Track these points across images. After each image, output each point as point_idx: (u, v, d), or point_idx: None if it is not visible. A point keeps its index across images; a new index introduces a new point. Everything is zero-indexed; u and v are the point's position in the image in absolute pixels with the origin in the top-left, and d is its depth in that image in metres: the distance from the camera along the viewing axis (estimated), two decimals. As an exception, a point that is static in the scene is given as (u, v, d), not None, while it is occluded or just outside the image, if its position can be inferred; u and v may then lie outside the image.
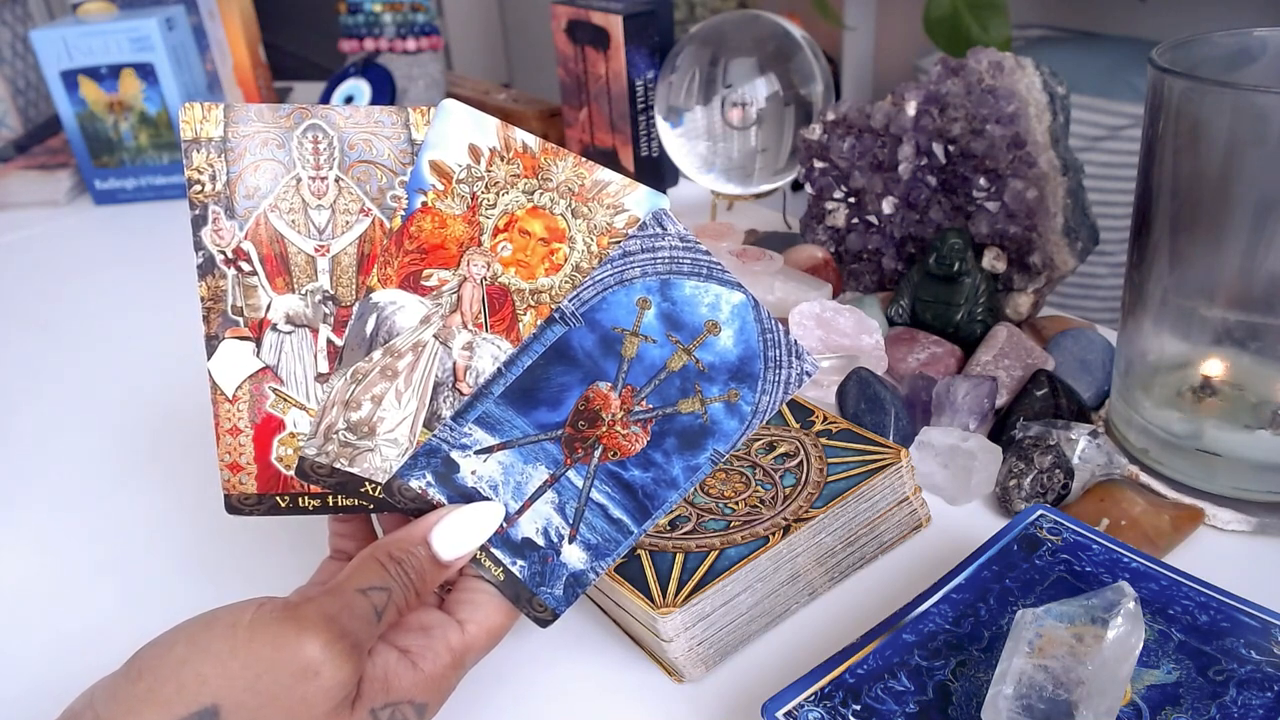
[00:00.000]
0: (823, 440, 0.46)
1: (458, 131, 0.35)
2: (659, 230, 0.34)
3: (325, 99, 1.02)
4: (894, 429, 0.51)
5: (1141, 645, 0.32)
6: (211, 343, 0.37)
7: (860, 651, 0.36)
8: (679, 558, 0.40)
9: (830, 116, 0.66)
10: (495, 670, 0.42)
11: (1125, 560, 0.39)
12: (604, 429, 0.35)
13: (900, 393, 0.54)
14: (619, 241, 0.35)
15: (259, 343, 0.37)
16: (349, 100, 1.01)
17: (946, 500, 0.49)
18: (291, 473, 0.37)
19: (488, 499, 0.36)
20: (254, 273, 0.37)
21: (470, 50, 2.70)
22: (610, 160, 0.86)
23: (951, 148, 0.60)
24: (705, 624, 0.39)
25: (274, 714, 0.30)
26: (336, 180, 0.36)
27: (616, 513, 0.35)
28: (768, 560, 0.40)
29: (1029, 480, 0.47)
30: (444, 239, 0.36)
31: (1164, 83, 0.42)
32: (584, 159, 0.35)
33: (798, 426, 0.47)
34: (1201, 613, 0.36)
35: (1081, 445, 0.48)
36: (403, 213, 0.36)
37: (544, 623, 0.36)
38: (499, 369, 0.36)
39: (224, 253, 0.36)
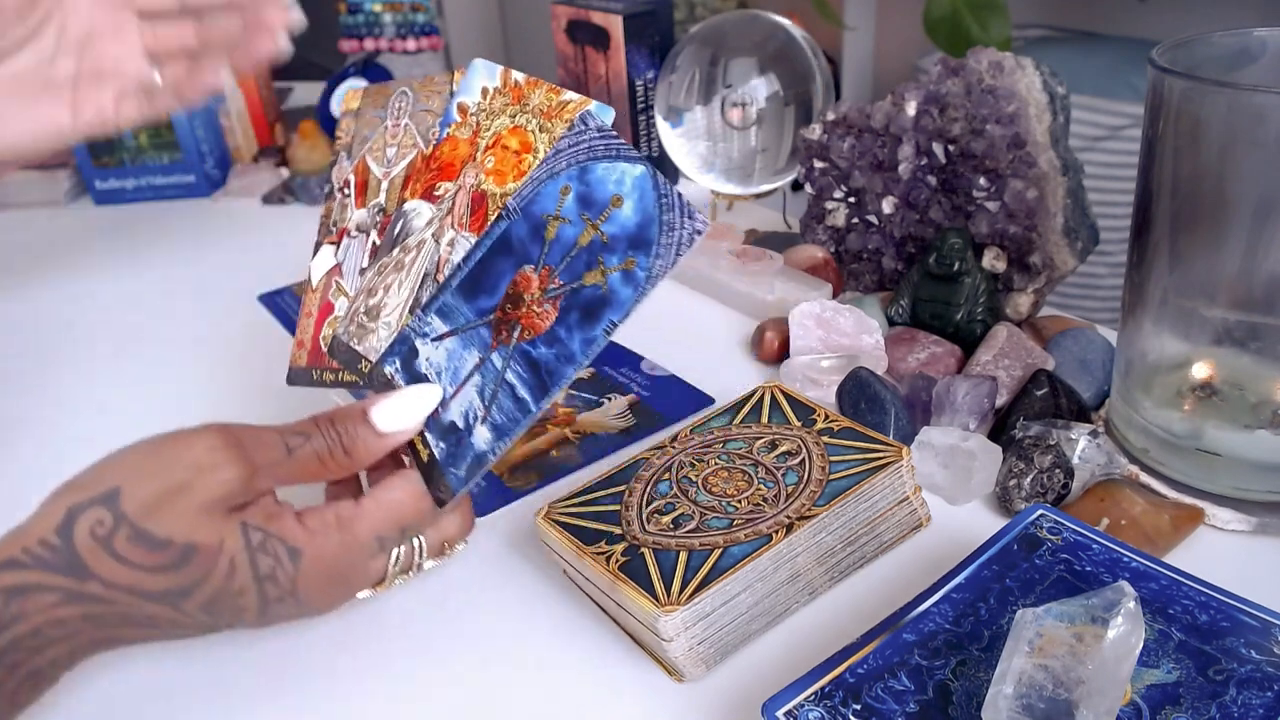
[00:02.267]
0: (824, 439, 0.46)
1: (477, 79, 0.43)
2: (583, 127, 0.38)
3: (325, 99, 1.02)
4: (894, 429, 0.51)
5: (1141, 645, 0.32)
6: (316, 248, 0.48)
7: (860, 651, 0.36)
8: (683, 556, 0.40)
9: (830, 116, 0.66)
10: (495, 670, 0.42)
11: (1125, 560, 0.39)
12: (524, 309, 0.38)
13: (900, 392, 0.54)
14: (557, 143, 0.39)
15: (338, 246, 0.47)
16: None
17: (946, 500, 0.49)
18: (326, 348, 0.43)
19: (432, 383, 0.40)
20: (349, 196, 0.47)
21: (470, 50, 2.70)
22: (610, 160, 0.86)
23: (951, 148, 0.60)
24: (705, 623, 0.39)
25: (164, 498, 0.35)
26: (405, 125, 0.47)
27: (522, 392, 0.37)
28: (768, 560, 0.40)
29: (1029, 480, 0.47)
30: (454, 159, 0.43)
31: (1164, 83, 0.42)
32: (557, 86, 0.41)
33: (800, 425, 0.47)
34: (1201, 612, 0.36)
35: (1081, 445, 0.48)
36: (434, 142, 0.44)
37: (441, 503, 0.39)
38: (459, 263, 0.40)
39: (336, 183, 0.48)
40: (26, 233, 0.97)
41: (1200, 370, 0.47)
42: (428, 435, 0.39)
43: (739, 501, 0.43)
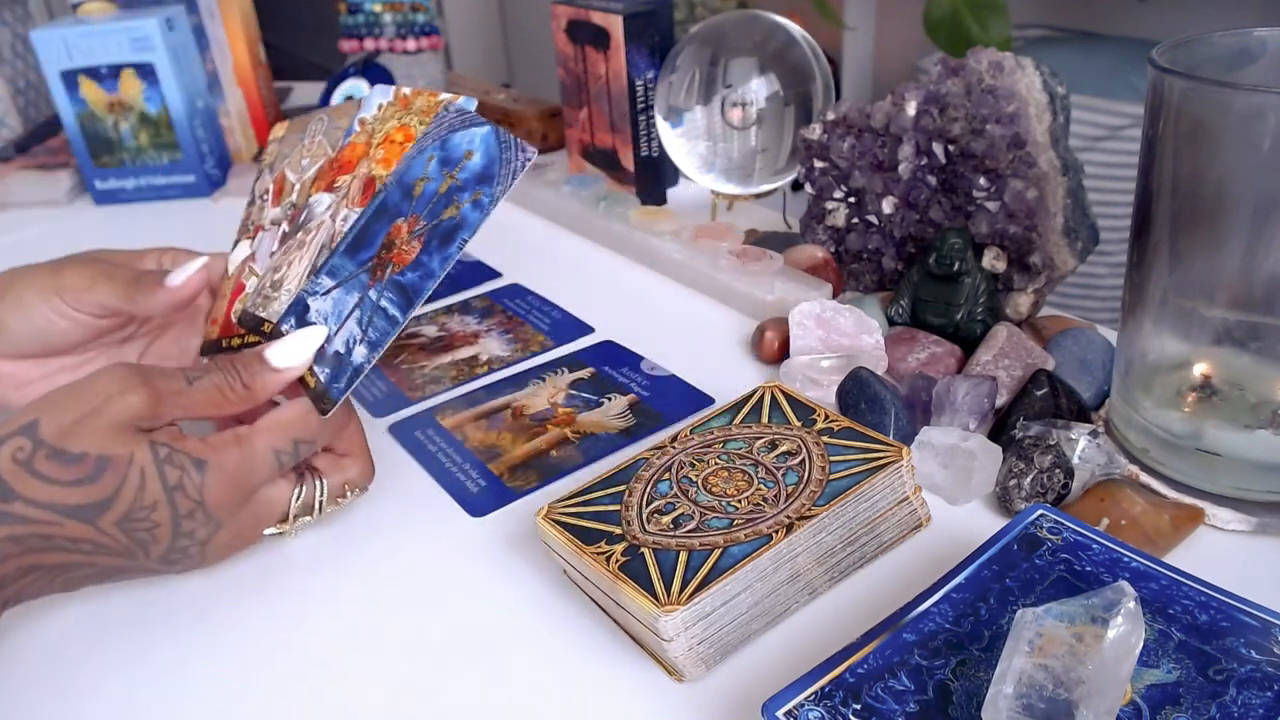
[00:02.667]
0: (824, 439, 0.46)
1: (375, 99, 0.52)
2: (444, 112, 0.47)
3: (325, 99, 1.02)
4: (894, 429, 0.51)
5: (1142, 645, 0.32)
6: (234, 245, 0.54)
7: (860, 651, 0.36)
8: (683, 556, 0.40)
9: (830, 116, 0.66)
10: (494, 670, 0.42)
11: (1125, 560, 0.39)
12: (395, 251, 0.45)
13: (900, 392, 0.54)
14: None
15: (254, 240, 0.53)
16: (349, 100, 1.01)
17: (946, 500, 0.49)
18: (235, 319, 0.49)
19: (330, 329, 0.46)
20: (267, 200, 0.54)
21: (470, 50, 2.70)
22: (610, 160, 0.86)
23: (951, 147, 0.60)
24: (705, 623, 0.39)
25: (78, 421, 0.39)
26: (319, 140, 0.54)
27: (393, 311, 0.44)
28: (768, 560, 0.40)
29: (1029, 480, 0.47)
30: (352, 157, 0.50)
31: (1164, 83, 0.42)
32: (438, 92, 0.48)
33: (800, 425, 0.47)
34: (1201, 612, 0.36)
35: (1081, 445, 0.48)
36: (338, 148, 0.52)
37: (324, 411, 0.45)
38: (346, 231, 0.46)
39: (257, 193, 0.56)
40: (26, 233, 0.97)
41: (1200, 370, 0.47)
42: (315, 368, 0.45)
43: (739, 501, 0.43)
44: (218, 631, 0.45)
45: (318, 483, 0.47)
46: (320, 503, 0.47)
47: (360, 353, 0.44)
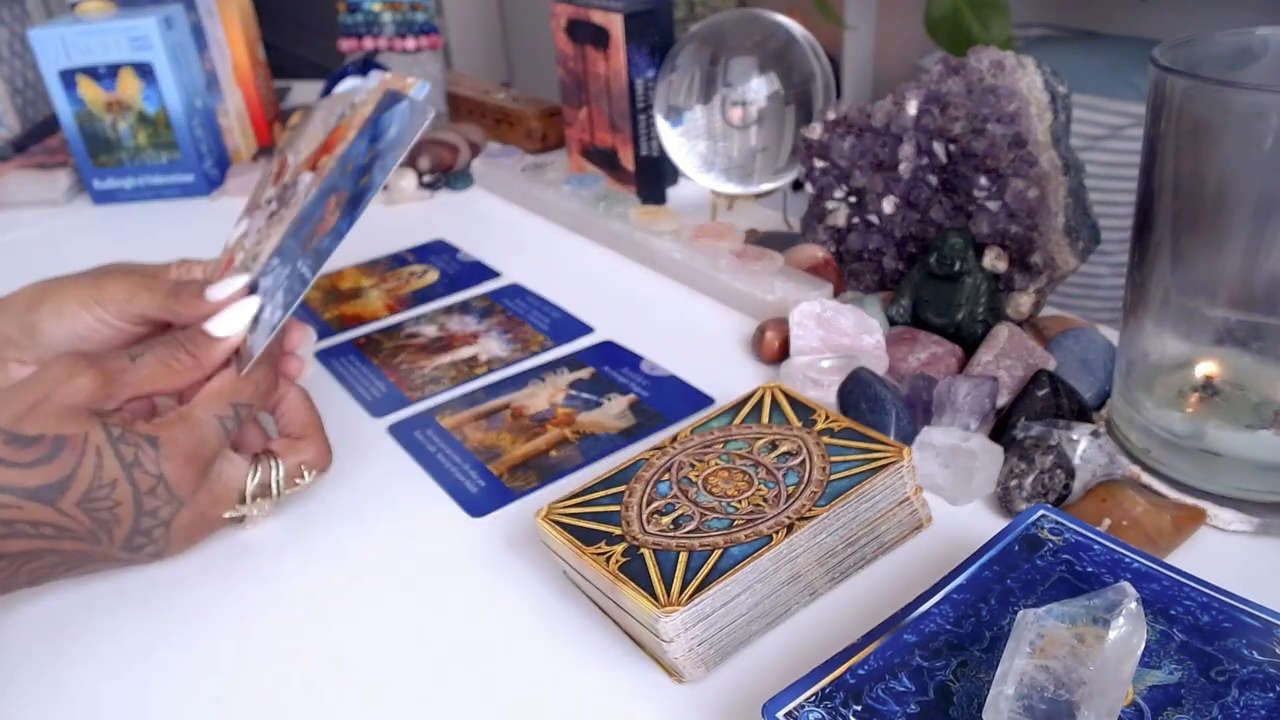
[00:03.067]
0: (825, 439, 0.46)
1: (366, 85, 0.54)
2: (384, 97, 0.51)
3: (324, 98, 1.02)
4: (895, 429, 0.51)
5: (1143, 646, 0.32)
6: (237, 222, 0.57)
7: (861, 652, 0.36)
8: (683, 556, 0.40)
9: (831, 116, 0.66)
10: (494, 670, 0.42)
11: (1127, 560, 0.39)
12: (322, 222, 0.48)
13: (901, 392, 0.54)
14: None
15: (251, 217, 0.56)
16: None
17: (947, 500, 0.49)
18: None
19: (262, 301, 0.49)
20: (268, 180, 0.57)
21: (470, 49, 2.69)
22: (610, 160, 0.86)
23: (952, 147, 0.60)
24: (705, 624, 0.39)
25: (31, 406, 0.41)
26: (317, 123, 0.56)
27: (306, 274, 0.47)
28: (768, 560, 0.40)
29: (1030, 480, 0.47)
30: (335, 139, 0.52)
31: (1165, 82, 0.42)
32: (405, 79, 0.51)
33: (800, 425, 0.47)
34: (1203, 613, 0.36)
35: (1083, 445, 0.48)
36: (330, 130, 0.54)
37: (241, 369, 0.47)
38: (299, 214, 0.50)
39: (266, 174, 0.58)
40: (25, 232, 0.97)
41: (1202, 370, 0.47)
42: (248, 336, 0.48)
43: (739, 502, 0.43)
44: (211, 636, 0.45)
45: (273, 464, 0.49)
46: (277, 484, 0.49)
47: (274, 314, 0.47)
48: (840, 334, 0.58)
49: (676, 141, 0.78)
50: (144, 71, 0.96)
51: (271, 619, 0.45)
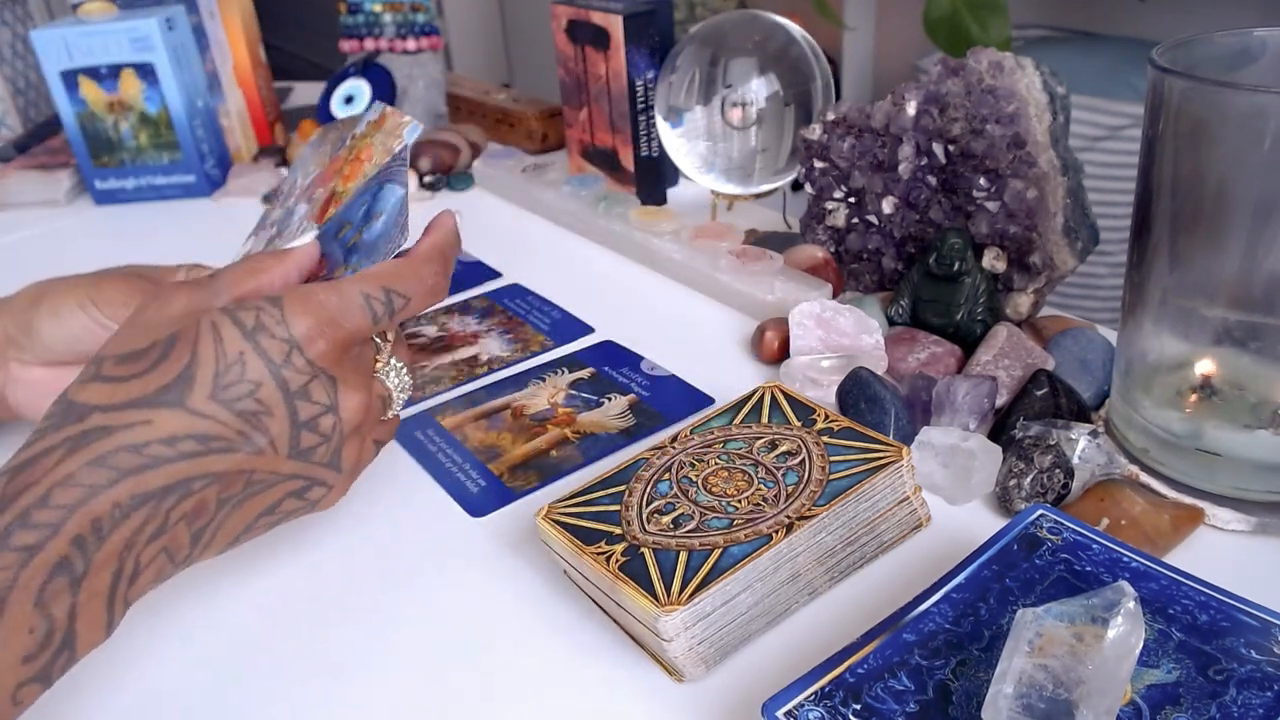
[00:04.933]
0: (824, 439, 0.46)
1: (365, 116, 0.52)
2: (392, 159, 0.47)
3: (325, 99, 1.02)
4: (894, 429, 0.51)
5: (1141, 645, 0.32)
6: (246, 239, 0.58)
7: (860, 651, 0.36)
8: (683, 556, 0.40)
9: (830, 116, 0.66)
10: (494, 670, 0.42)
11: (1125, 560, 0.39)
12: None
13: (900, 392, 0.54)
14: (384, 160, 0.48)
15: (256, 237, 0.56)
16: (349, 100, 1.01)
17: (946, 500, 0.49)
18: None
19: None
20: (275, 201, 0.57)
21: (470, 50, 2.69)
22: (610, 160, 0.86)
23: (951, 147, 0.60)
24: (705, 623, 0.39)
25: (133, 325, 0.36)
26: (325, 149, 0.55)
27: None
28: (768, 560, 0.40)
29: (1029, 480, 0.47)
30: (331, 172, 0.51)
31: (1164, 83, 0.42)
32: (401, 115, 0.49)
33: (800, 425, 0.47)
34: (1201, 612, 0.36)
35: (1081, 445, 0.48)
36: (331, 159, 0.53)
37: None
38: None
39: (279, 193, 0.58)
40: (26, 232, 0.97)
41: (1200, 370, 0.47)
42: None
43: (739, 501, 0.43)
44: (211, 636, 0.45)
45: (394, 299, 0.41)
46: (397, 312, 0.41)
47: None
48: (840, 334, 0.59)
49: (676, 142, 0.78)
50: (145, 72, 0.96)
51: (271, 618, 0.46)
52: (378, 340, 0.43)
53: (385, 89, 1.01)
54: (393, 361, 0.43)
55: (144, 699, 0.42)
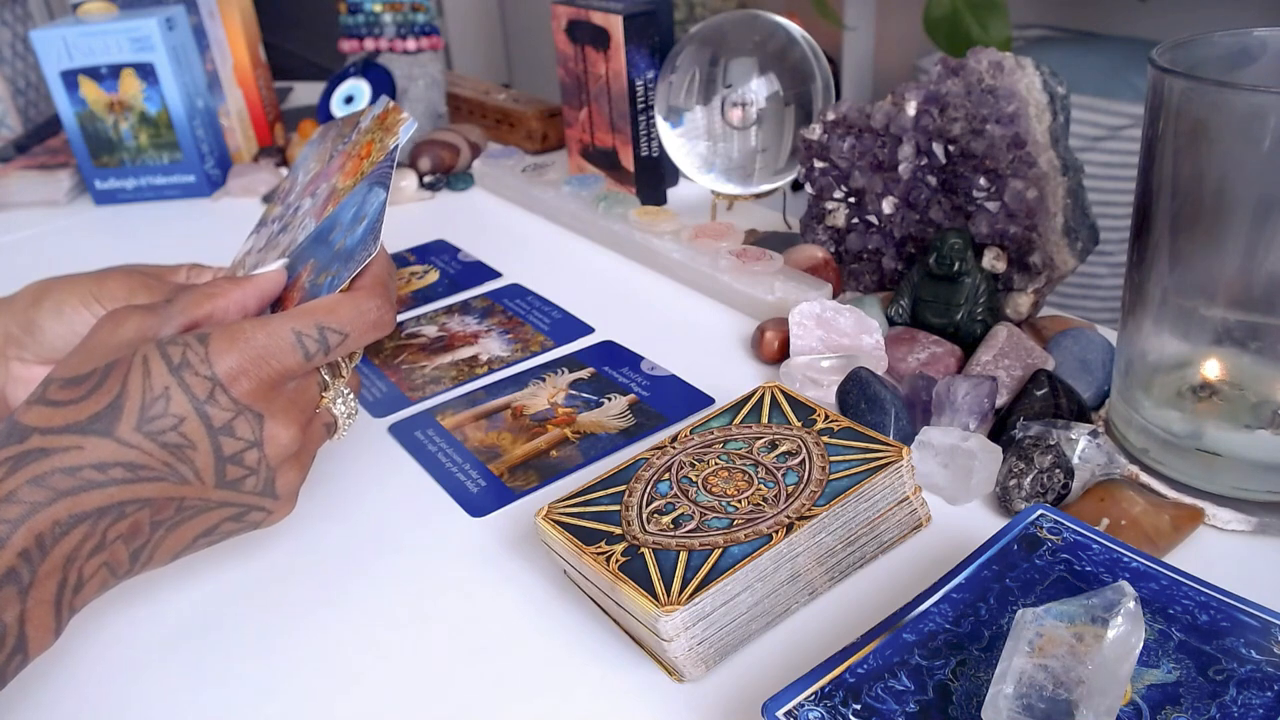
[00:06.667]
0: (824, 439, 0.46)
1: (370, 110, 0.53)
2: (386, 159, 0.47)
3: (325, 99, 1.02)
4: (894, 429, 0.51)
5: (1141, 645, 0.32)
6: (248, 237, 0.58)
7: (860, 651, 0.36)
8: (683, 556, 0.40)
9: (830, 116, 0.66)
10: (494, 670, 0.42)
11: (1125, 560, 0.39)
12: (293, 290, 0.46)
13: (900, 392, 0.54)
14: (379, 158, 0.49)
15: (257, 234, 0.57)
16: (349, 100, 1.01)
17: (946, 500, 0.49)
18: None
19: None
20: (276, 198, 0.58)
21: (470, 50, 2.70)
22: (610, 160, 0.86)
23: (951, 148, 0.60)
24: (705, 623, 0.39)
25: (89, 350, 0.38)
26: (327, 145, 0.56)
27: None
28: (768, 560, 0.40)
29: (1029, 480, 0.47)
30: (333, 168, 0.52)
31: (1164, 82, 0.42)
32: (400, 112, 0.50)
33: (800, 425, 0.47)
34: (1201, 612, 0.36)
35: (1081, 445, 0.48)
36: (334, 155, 0.54)
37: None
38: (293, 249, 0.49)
39: (280, 190, 0.59)
40: (26, 232, 0.97)
41: (1200, 370, 0.47)
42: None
43: (739, 501, 0.43)
44: (211, 635, 0.45)
45: (328, 332, 0.42)
46: (342, 360, 0.44)
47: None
48: (839, 334, 0.59)
49: (676, 142, 0.78)
50: (145, 72, 0.96)
51: (272, 618, 0.46)
52: (323, 374, 0.44)
53: (385, 89, 1.01)
54: (344, 390, 0.45)
55: (143, 699, 0.42)
